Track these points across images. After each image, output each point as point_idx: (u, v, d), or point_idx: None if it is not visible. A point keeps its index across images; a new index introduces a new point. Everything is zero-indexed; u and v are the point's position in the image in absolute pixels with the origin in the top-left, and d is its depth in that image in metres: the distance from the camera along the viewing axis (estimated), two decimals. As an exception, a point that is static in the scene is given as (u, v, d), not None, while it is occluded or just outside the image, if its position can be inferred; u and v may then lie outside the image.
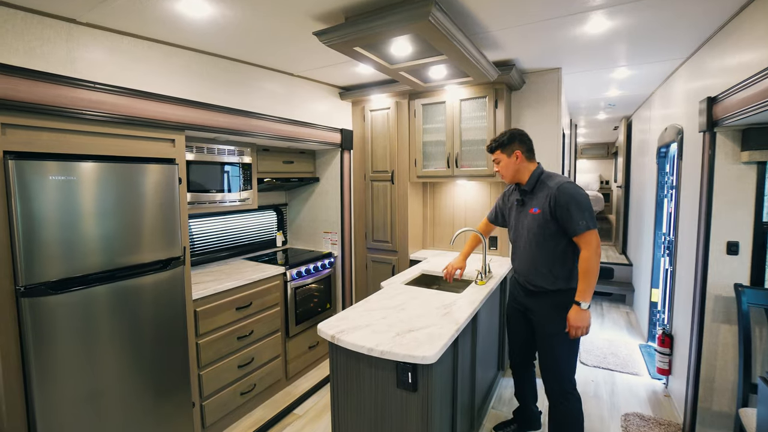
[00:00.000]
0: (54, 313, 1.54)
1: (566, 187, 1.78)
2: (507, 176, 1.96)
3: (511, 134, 1.93)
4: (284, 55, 2.37)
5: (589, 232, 1.73)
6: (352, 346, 1.52)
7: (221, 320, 2.28)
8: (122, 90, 1.78)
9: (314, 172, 3.39)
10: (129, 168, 1.77)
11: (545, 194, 1.83)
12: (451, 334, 1.57)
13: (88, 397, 1.66)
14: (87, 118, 1.66)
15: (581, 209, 1.74)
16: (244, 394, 2.45)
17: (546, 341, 1.91)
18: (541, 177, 1.90)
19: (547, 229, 1.82)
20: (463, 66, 2.02)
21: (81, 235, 1.61)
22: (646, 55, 2.52)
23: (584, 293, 1.74)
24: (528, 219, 1.91)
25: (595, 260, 1.72)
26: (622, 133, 5.70)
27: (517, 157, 1.91)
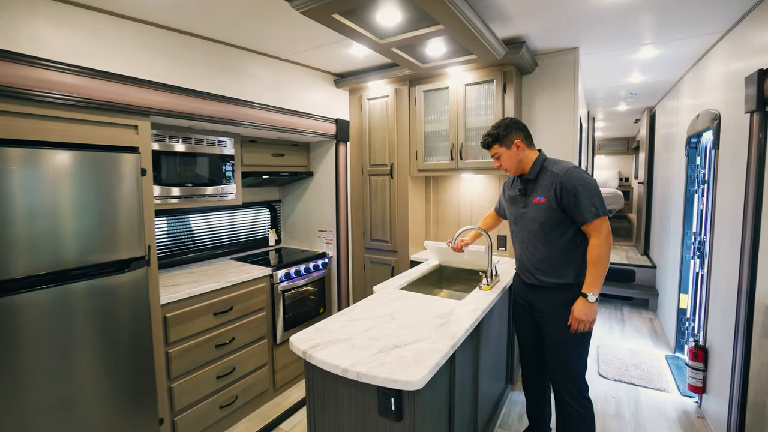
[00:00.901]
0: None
1: (573, 173, 1.64)
2: (511, 169, 1.80)
3: (506, 124, 1.78)
4: (264, 35, 2.14)
5: (599, 219, 1.60)
6: (324, 365, 1.28)
7: (196, 327, 2.06)
8: (75, 69, 1.57)
9: (308, 166, 3.16)
10: (82, 157, 1.56)
11: (550, 181, 1.68)
12: (445, 352, 1.31)
13: (35, 416, 1.46)
14: (33, 99, 1.46)
15: (590, 195, 1.60)
16: (225, 407, 2.23)
17: (554, 342, 1.76)
18: (545, 164, 1.76)
19: (553, 218, 1.68)
20: (465, 40, 1.76)
21: (19, 232, 1.41)
22: (677, 30, 2.21)
23: (592, 284, 1.61)
24: (532, 209, 1.76)
25: (605, 249, 1.60)
26: (644, 126, 5.32)
27: (518, 146, 1.76)
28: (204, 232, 2.79)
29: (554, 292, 1.73)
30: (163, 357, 1.92)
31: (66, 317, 1.54)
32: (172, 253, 2.58)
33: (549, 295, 1.74)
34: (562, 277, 1.70)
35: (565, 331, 1.69)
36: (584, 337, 1.70)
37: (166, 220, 2.54)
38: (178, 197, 2.17)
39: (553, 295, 1.73)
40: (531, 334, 1.91)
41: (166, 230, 2.55)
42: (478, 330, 1.78)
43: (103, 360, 1.66)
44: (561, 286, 1.71)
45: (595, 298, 1.61)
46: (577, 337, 1.69)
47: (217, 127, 2.28)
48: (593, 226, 1.61)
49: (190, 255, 2.67)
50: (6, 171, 1.37)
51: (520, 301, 1.93)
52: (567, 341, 1.71)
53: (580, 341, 1.71)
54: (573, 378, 1.72)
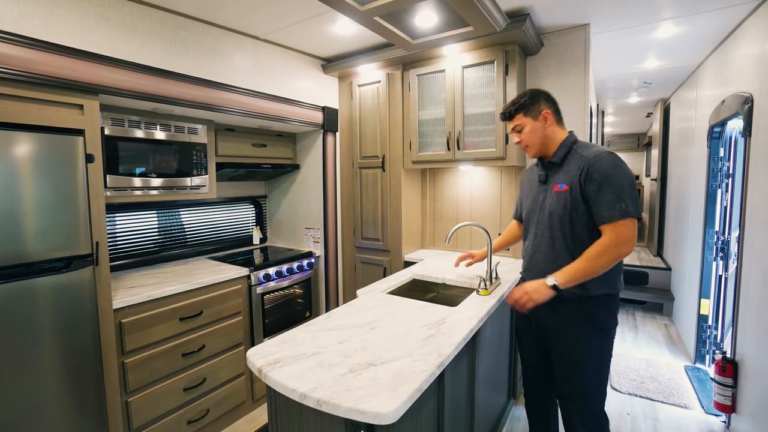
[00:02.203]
0: None
1: (605, 157, 1.33)
2: (534, 146, 1.50)
3: (534, 92, 1.49)
4: (236, 7, 1.91)
5: (626, 220, 1.28)
6: (280, 388, 1.05)
7: (159, 333, 1.84)
8: (8, 37, 1.35)
9: (294, 158, 2.93)
10: (13, 137, 1.34)
11: (577, 166, 1.37)
12: (429, 373, 1.07)
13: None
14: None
15: (620, 188, 1.29)
16: (194, 422, 2.01)
17: (566, 367, 1.46)
18: (574, 146, 1.45)
19: (576, 211, 1.37)
20: (459, 5, 1.52)
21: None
22: (702, 1, 1.95)
23: (566, 274, 1.32)
24: (550, 199, 1.45)
25: (612, 253, 1.28)
26: (657, 121, 5.03)
27: (546, 119, 1.47)
28: (180, 230, 2.57)
29: (570, 306, 1.41)
30: (116, 368, 1.69)
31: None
32: (142, 251, 2.36)
33: (563, 309, 1.43)
34: (583, 287, 1.38)
35: (580, 355, 1.41)
36: (603, 360, 1.42)
37: (130, 215, 2.31)
38: (140, 189, 1.95)
39: (568, 310, 1.42)
40: (535, 348, 1.62)
41: (133, 227, 2.33)
42: (475, 340, 1.54)
43: (43, 372, 1.43)
44: (580, 300, 1.40)
45: (552, 282, 1.33)
46: (594, 359, 1.40)
47: (188, 111, 2.06)
48: (615, 227, 1.29)
49: (164, 254, 2.45)
50: None
51: (523, 316, 1.62)
52: (582, 367, 1.42)
53: (599, 364, 1.41)
54: (590, 410, 1.44)
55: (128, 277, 2.08)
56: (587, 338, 1.41)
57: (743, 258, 2.01)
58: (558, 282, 1.33)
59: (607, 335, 1.43)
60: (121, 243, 2.26)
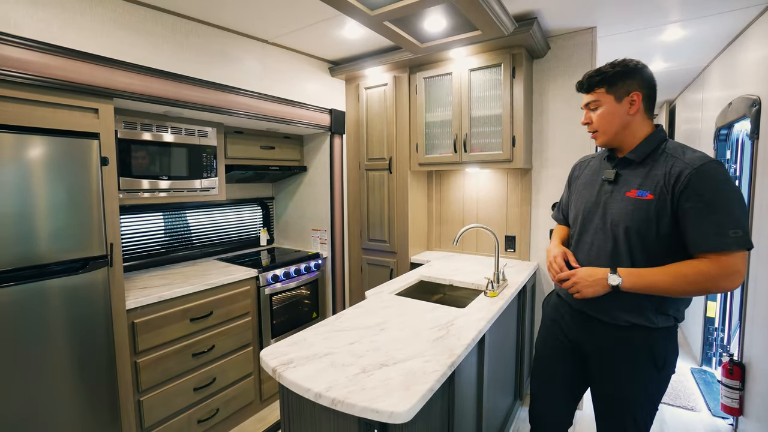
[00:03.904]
0: None
1: (715, 168, 1.04)
2: (606, 133, 1.21)
3: (631, 66, 1.17)
4: (246, 12, 1.94)
5: (737, 253, 1.01)
6: (295, 388, 1.07)
7: (170, 334, 1.87)
8: (28, 43, 1.39)
9: (301, 160, 2.96)
10: (31, 141, 1.37)
11: (668, 171, 1.09)
12: (441, 373, 1.09)
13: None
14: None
15: (734, 210, 1.01)
16: (203, 421, 2.03)
17: (616, 405, 1.23)
18: (665, 146, 1.16)
19: (656, 227, 1.10)
20: (468, 9, 1.54)
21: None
22: (710, 4, 1.95)
23: (638, 275, 1.08)
24: (621, 204, 1.17)
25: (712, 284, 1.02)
26: (663, 122, 5.03)
27: (632, 103, 1.16)
28: (189, 231, 2.60)
29: (625, 338, 1.18)
30: (129, 368, 1.72)
31: (14, 321, 1.35)
32: (152, 252, 2.39)
33: (613, 337, 1.19)
34: (645, 316, 1.14)
35: (631, 398, 1.19)
36: (656, 406, 1.21)
37: (141, 217, 2.35)
38: (152, 191, 1.98)
39: (622, 342, 1.18)
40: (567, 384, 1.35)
41: (144, 228, 2.36)
42: (483, 341, 1.55)
43: (59, 371, 1.46)
44: (639, 331, 1.16)
45: (617, 282, 1.10)
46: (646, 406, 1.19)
47: (197, 114, 2.09)
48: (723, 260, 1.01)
49: (173, 255, 2.48)
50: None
51: (560, 336, 1.35)
52: (631, 413, 1.20)
53: (650, 411, 1.20)
54: None
55: (139, 278, 2.11)
56: (644, 381, 1.17)
57: (750, 260, 2.01)
58: (623, 284, 1.10)
59: (665, 377, 1.18)
60: (131, 244, 2.29)
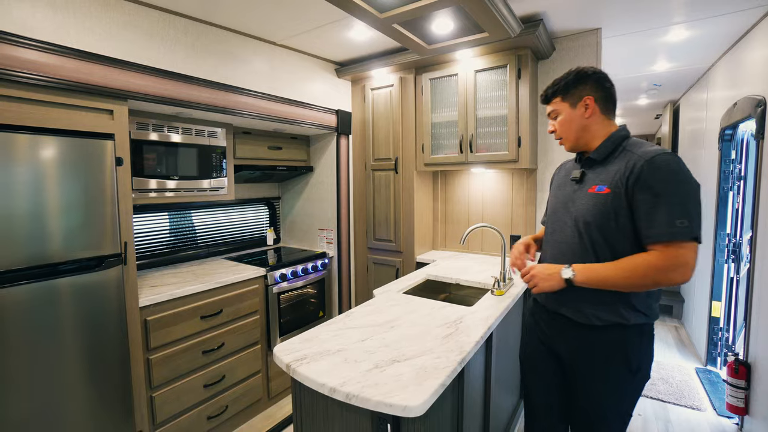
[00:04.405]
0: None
1: (666, 160, 1.05)
2: (569, 139, 1.25)
3: (579, 73, 1.21)
4: (256, 14, 1.97)
5: (684, 244, 1.00)
6: (309, 383, 1.09)
7: (181, 331, 1.90)
8: (45, 46, 1.42)
9: (308, 160, 2.99)
10: (49, 142, 1.40)
11: (625, 165, 1.11)
12: (451, 369, 1.11)
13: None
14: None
15: (683, 200, 1.01)
16: (213, 418, 2.06)
17: (589, 411, 1.22)
18: (625, 143, 1.17)
19: (615, 220, 1.10)
20: (476, 12, 1.56)
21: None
22: (714, 5, 1.97)
23: (590, 269, 1.11)
24: (583, 201, 1.19)
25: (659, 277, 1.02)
26: (667, 122, 5.02)
27: (587, 106, 1.19)
28: (197, 230, 2.63)
29: (597, 335, 1.16)
30: (142, 364, 1.75)
31: (32, 318, 1.38)
32: (162, 251, 2.42)
33: (587, 338, 1.18)
34: (618, 314, 1.12)
35: (608, 403, 1.18)
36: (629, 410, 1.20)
37: (152, 216, 2.38)
38: (163, 191, 2.01)
39: (593, 339, 1.17)
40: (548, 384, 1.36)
41: (154, 227, 2.40)
42: (490, 340, 1.57)
43: (74, 366, 1.49)
44: (613, 330, 1.14)
45: (570, 275, 1.12)
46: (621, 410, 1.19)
47: (207, 115, 2.12)
48: (671, 250, 1.01)
49: (182, 254, 2.51)
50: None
51: (537, 341, 1.36)
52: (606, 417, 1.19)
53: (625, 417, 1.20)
54: None
55: (150, 276, 2.14)
56: (618, 382, 1.15)
57: (756, 260, 2.03)
58: (576, 278, 1.12)
59: (638, 384, 1.17)
60: (141, 243, 2.32)
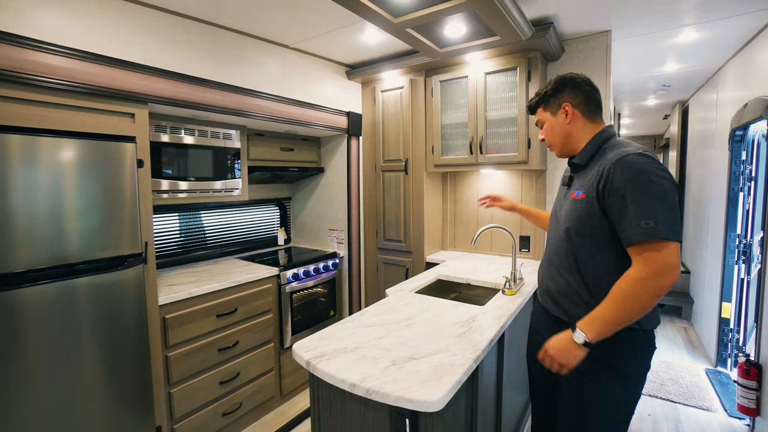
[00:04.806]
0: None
1: (631, 160, 1.05)
2: (555, 145, 1.29)
3: (557, 81, 1.25)
4: (270, 19, 2.01)
5: (655, 242, 0.98)
6: (329, 378, 1.12)
7: (197, 329, 1.94)
8: (70, 52, 1.47)
9: (318, 161, 3.03)
10: (74, 145, 1.45)
11: (598, 170, 1.12)
12: (467, 366, 1.14)
13: (23, 423, 1.35)
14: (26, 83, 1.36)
15: (649, 200, 1.00)
16: (228, 414, 2.10)
17: (569, 420, 1.21)
18: (606, 145, 1.18)
19: (589, 224, 1.12)
20: (488, 16, 1.59)
21: (4, 224, 1.30)
22: (725, 7, 1.98)
23: (594, 322, 1.04)
24: (566, 206, 1.22)
25: (646, 288, 0.98)
26: (676, 123, 5.01)
27: (567, 113, 1.22)
28: (210, 230, 2.68)
29: None
30: (161, 361, 1.80)
31: (55, 316, 1.43)
32: (176, 251, 2.47)
33: None
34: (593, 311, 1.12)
35: (587, 409, 1.16)
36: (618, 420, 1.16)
37: (167, 217, 2.44)
38: (180, 192, 2.06)
39: None
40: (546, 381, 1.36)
41: (169, 227, 2.45)
42: (502, 339, 1.60)
43: (99, 362, 1.54)
44: None
45: (583, 339, 1.05)
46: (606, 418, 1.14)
47: (222, 117, 2.17)
48: (644, 252, 1.00)
49: (195, 253, 2.56)
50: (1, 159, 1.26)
51: (538, 337, 1.36)
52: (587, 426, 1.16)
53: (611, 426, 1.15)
54: None
55: (166, 276, 2.19)
56: (599, 388, 1.13)
57: (767, 261, 2.03)
58: (589, 337, 1.04)
59: (629, 394, 1.14)
60: (157, 243, 2.37)
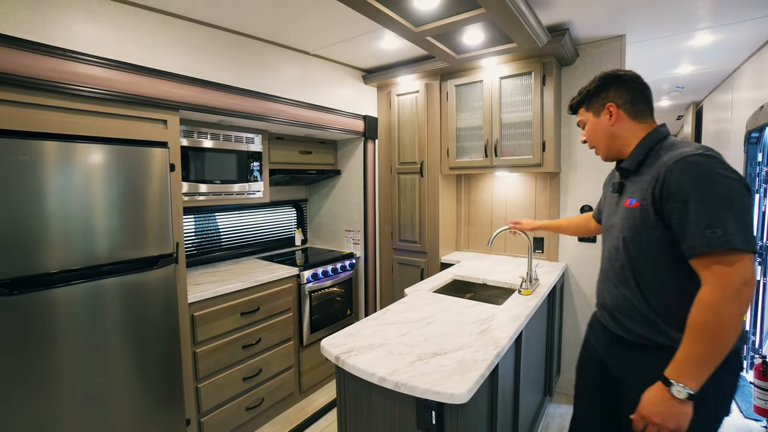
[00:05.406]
0: (17, 316, 1.32)
1: (691, 162, 0.94)
2: (600, 148, 1.23)
3: (601, 79, 1.18)
4: (293, 27, 2.08)
5: (725, 254, 0.87)
6: (359, 373, 1.19)
7: (223, 327, 2.02)
8: (106, 61, 1.55)
9: (335, 164, 3.10)
10: (110, 151, 1.54)
11: (653, 174, 1.02)
12: (489, 362, 1.19)
13: (60, 414, 1.43)
14: (65, 92, 1.44)
15: (713, 205, 0.89)
16: (251, 409, 2.18)
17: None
18: (659, 146, 1.08)
19: (647, 234, 1.03)
20: (507, 25, 1.64)
21: (49, 227, 1.39)
22: (741, 10, 2.00)
23: (686, 365, 0.90)
24: (620, 215, 1.14)
25: (725, 309, 0.86)
26: (689, 123, 4.98)
27: (611, 113, 1.15)
28: (230, 231, 2.77)
29: (648, 354, 1.05)
30: (190, 357, 1.88)
31: (94, 314, 1.51)
32: (199, 251, 2.56)
33: (638, 357, 1.07)
34: (661, 332, 1.02)
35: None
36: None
37: (193, 218, 2.53)
38: (206, 194, 2.14)
39: (644, 359, 1.06)
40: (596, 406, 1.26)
41: (193, 228, 2.54)
42: (519, 337, 1.64)
43: (132, 357, 1.63)
44: (658, 348, 1.02)
45: (686, 393, 0.89)
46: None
47: (245, 122, 2.25)
48: (712, 265, 0.88)
49: (216, 254, 2.65)
50: (40, 164, 1.35)
51: (591, 353, 1.29)
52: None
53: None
54: None
55: (191, 275, 2.27)
56: None
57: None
58: (692, 387, 0.89)
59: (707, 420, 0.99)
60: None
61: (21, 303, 1.32)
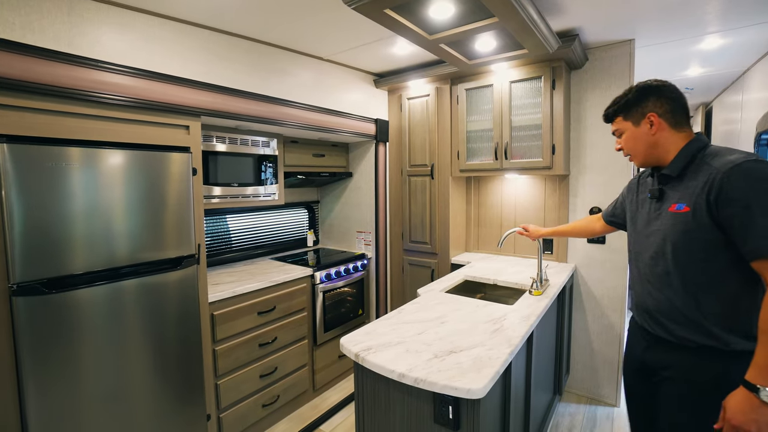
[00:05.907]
0: (50, 314, 1.39)
1: (747, 168, 0.98)
2: (637, 155, 1.23)
3: (639, 89, 1.19)
4: (309, 35, 2.15)
5: None
6: (379, 369, 1.24)
7: (241, 325, 2.08)
8: (130, 70, 1.62)
9: (347, 166, 3.16)
10: (136, 156, 1.61)
11: (703, 180, 1.05)
12: (503, 360, 1.24)
13: (88, 408, 1.51)
14: (91, 100, 1.51)
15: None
16: (267, 406, 2.24)
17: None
18: (702, 154, 1.11)
19: (698, 238, 1.06)
20: (519, 33, 1.68)
21: (79, 229, 1.46)
22: (751, 14, 2.02)
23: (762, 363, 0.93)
24: (664, 220, 1.15)
25: None
26: (699, 124, 4.98)
27: (652, 123, 1.16)
28: (245, 232, 2.84)
29: (693, 357, 1.08)
30: (210, 354, 1.95)
31: (120, 313, 1.58)
32: (215, 252, 2.63)
33: (683, 359, 1.10)
34: (708, 334, 1.05)
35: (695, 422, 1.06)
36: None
37: (210, 220, 2.60)
38: (224, 197, 2.21)
39: (688, 365, 1.09)
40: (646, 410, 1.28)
41: (209, 230, 2.61)
42: (530, 337, 1.69)
43: (156, 355, 1.70)
44: (706, 351, 1.06)
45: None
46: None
47: (261, 127, 2.31)
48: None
49: (231, 254, 2.72)
50: (67, 169, 1.42)
51: (633, 360, 1.32)
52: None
53: None
54: None
55: (209, 275, 2.34)
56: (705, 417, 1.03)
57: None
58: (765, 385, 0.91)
59: None
60: (200, 244, 2.54)
61: (53, 302, 1.40)
